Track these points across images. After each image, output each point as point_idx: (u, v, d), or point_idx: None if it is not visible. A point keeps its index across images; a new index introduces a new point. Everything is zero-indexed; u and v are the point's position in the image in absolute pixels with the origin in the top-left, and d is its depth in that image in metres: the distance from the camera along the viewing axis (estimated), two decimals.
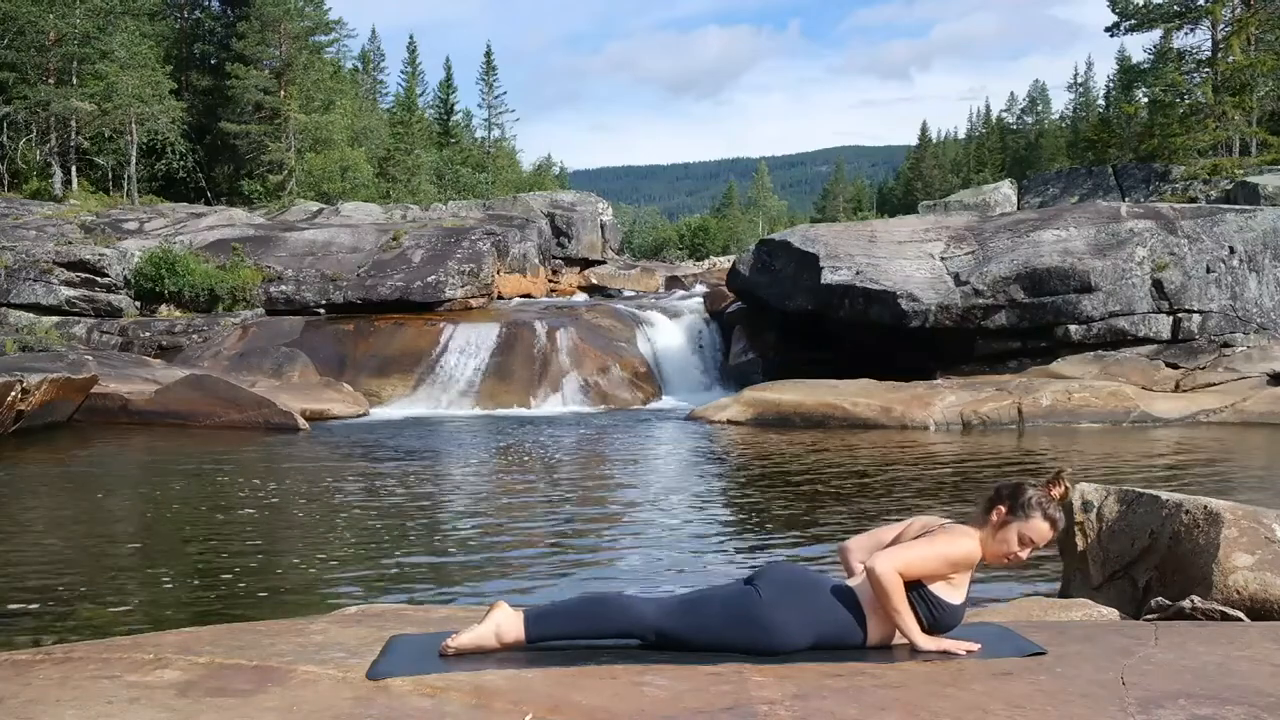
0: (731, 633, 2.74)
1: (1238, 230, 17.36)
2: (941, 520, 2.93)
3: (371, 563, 6.77)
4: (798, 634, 2.74)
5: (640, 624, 2.76)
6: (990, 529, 2.85)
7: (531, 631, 2.76)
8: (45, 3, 31.20)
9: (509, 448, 12.82)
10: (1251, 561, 3.80)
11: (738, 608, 2.77)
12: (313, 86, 38.53)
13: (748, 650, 2.71)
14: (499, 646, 2.74)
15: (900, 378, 15.51)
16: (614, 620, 2.78)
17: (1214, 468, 10.37)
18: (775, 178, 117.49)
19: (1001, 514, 2.84)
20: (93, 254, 21.39)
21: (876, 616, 2.81)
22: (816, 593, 2.82)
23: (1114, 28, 33.53)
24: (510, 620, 2.77)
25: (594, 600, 2.87)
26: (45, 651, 2.73)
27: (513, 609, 2.82)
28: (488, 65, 56.98)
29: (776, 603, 2.75)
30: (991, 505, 2.88)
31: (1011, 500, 2.85)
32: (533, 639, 2.75)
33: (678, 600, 2.87)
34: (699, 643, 2.75)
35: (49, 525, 8.10)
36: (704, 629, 2.76)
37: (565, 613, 2.82)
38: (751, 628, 2.74)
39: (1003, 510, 2.85)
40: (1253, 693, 2.31)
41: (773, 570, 2.88)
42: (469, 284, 21.19)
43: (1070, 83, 67.26)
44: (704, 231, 68.42)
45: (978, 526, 2.87)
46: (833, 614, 2.79)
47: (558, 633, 2.78)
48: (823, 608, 2.79)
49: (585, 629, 2.79)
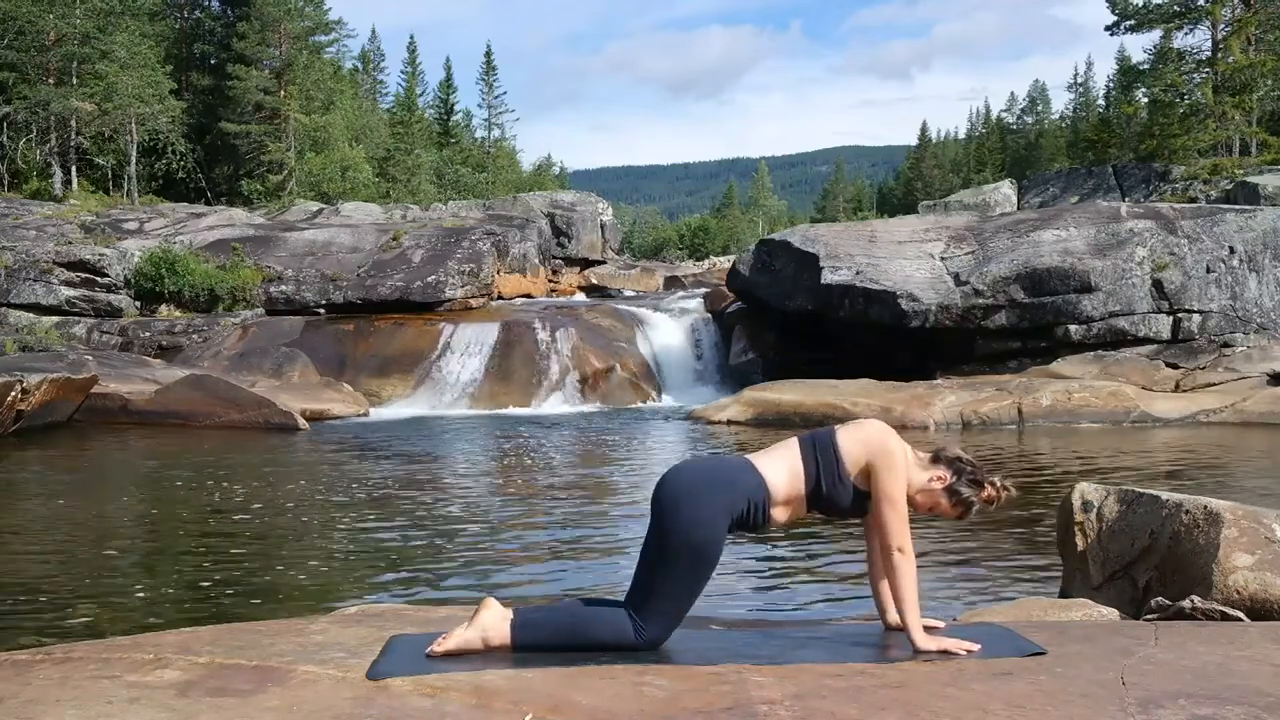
0: (672, 572, 2.79)
1: (1238, 230, 17.36)
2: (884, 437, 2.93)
3: (371, 563, 6.77)
4: (720, 530, 2.81)
5: (627, 638, 2.77)
6: (924, 474, 2.95)
7: (518, 638, 2.75)
8: (45, 3, 31.20)
9: (509, 448, 12.82)
10: (1251, 561, 3.80)
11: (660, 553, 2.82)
12: (313, 86, 38.54)
13: (695, 550, 2.77)
14: (485, 650, 2.74)
15: (900, 378, 15.51)
16: (600, 633, 2.78)
17: (1214, 468, 10.37)
18: (775, 178, 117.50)
19: (941, 479, 2.93)
20: (93, 254, 21.39)
21: (781, 505, 2.88)
22: (716, 489, 2.84)
23: (1114, 28, 33.53)
24: (498, 624, 2.76)
25: (581, 613, 2.85)
26: (45, 651, 2.73)
27: (503, 606, 2.83)
28: (488, 65, 56.99)
29: (693, 522, 2.78)
30: (939, 464, 2.96)
31: (955, 478, 2.94)
32: (519, 647, 2.75)
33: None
34: (674, 606, 2.80)
35: (49, 525, 8.10)
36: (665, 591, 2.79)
37: (552, 624, 2.81)
38: (684, 557, 2.78)
39: (944, 478, 2.94)
40: (1253, 693, 2.31)
41: (668, 488, 2.88)
42: (469, 284, 21.19)
43: (1070, 83, 67.30)
44: (704, 231, 68.47)
45: (919, 465, 2.96)
46: (739, 502, 2.84)
47: (544, 643, 2.77)
48: (726, 504, 2.83)
49: (572, 641, 2.78)
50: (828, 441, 2.91)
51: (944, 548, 6.89)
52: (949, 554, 6.71)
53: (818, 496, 2.89)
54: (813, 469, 2.88)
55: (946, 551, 6.79)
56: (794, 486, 2.89)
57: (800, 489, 2.89)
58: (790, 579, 6.13)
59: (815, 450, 2.91)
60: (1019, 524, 7.66)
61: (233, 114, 36.61)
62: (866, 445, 2.88)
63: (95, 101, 31.26)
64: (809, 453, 2.91)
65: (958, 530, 7.48)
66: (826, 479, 2.87)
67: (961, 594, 5.67)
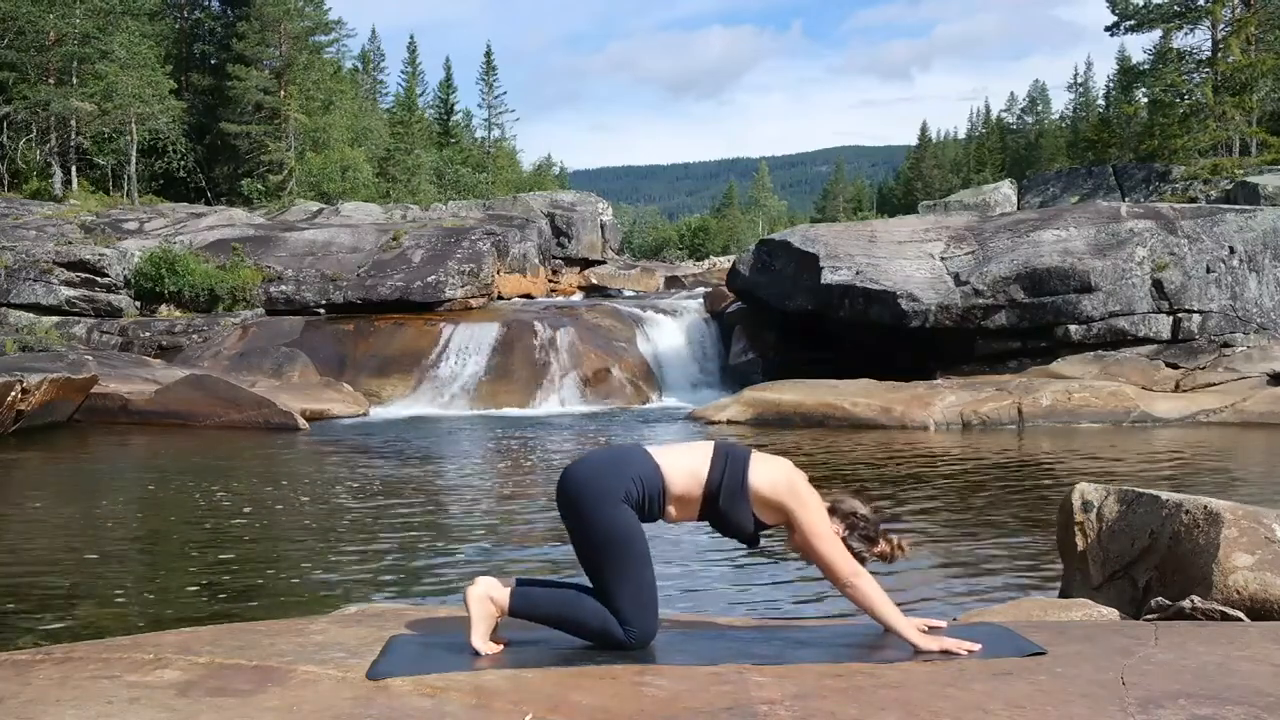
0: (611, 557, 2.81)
1: (1238, 230, 17.35)
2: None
3: (371, 563, 6.77)
4: (618, 508, 2.81)
5: (616, 635, 2.78)
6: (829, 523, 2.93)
7: (515, 604, 2.82)
8: (45, 3, 31.19)
9: (509, 448, 12.83)
10: (1251, 561, 3.80)
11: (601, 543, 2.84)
12: (313, 86, 38.54)
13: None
14: (501, 613, 2.81)
15: (900, 378, 15.50)
16: (590, 621, 2.80)
17: (1214, 468, 10.37)
18: (775, 178, 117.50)
19: (835, 532, 2.90)
20: (93, 254, 21.39)
21: (676, 500, 2.87)
22: (605, 474, 2.85)
23: (1114, 28, 33.52)
24: (499, 590, 2.83)
25: (576, 598, 2.87)
26: (45, 651, 2.73)
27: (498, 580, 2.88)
28: (488, 65, 57.01)
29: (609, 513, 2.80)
30: (834, 517, 2.93)
31: (847, 533, 2.92)
32: (513, 613, 2.82)
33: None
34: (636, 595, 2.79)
35: (49, 525, 8.10)
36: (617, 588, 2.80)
37: (548, 600, 2.86)
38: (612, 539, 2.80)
39: (837, 531, 2.91)
40: (1253, 693, 2.31)
41: (565, 489, 2.90)
42: (469, 284, 21.19)
43: (1070, 83, 67.30)
44: (704, 231, 68.50)
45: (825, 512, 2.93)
46: (630, 485, 2.83)
47: (536, 615, 2.84)
48: (616, 486, 2.82)
49: (563, 621, 2.83)
50: (741, 461, 2.88)
51: (944, 548, 6.89)
52: (949, 554, 6.71)
53: (714, 506, 2.86)
54: (716, 478, 2.85)
55: (946, 551, 6.79)
56: (690, 487, 2.86)
57: (697, 492, 2.86)
58: (790, 579, 6.13)
59: (726, 462, 2.88)
60: (1019, 524, 7.66)
61: (233, 114, 36.60)
62: (774, 487, 2.85)
63: (95, 101, 31.25)
64: (719, 461, 2.88)
65: (958, 530, 7.48)
66: (727, 493, 2.84)
67: (961, 594, 5.67)
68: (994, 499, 8.73)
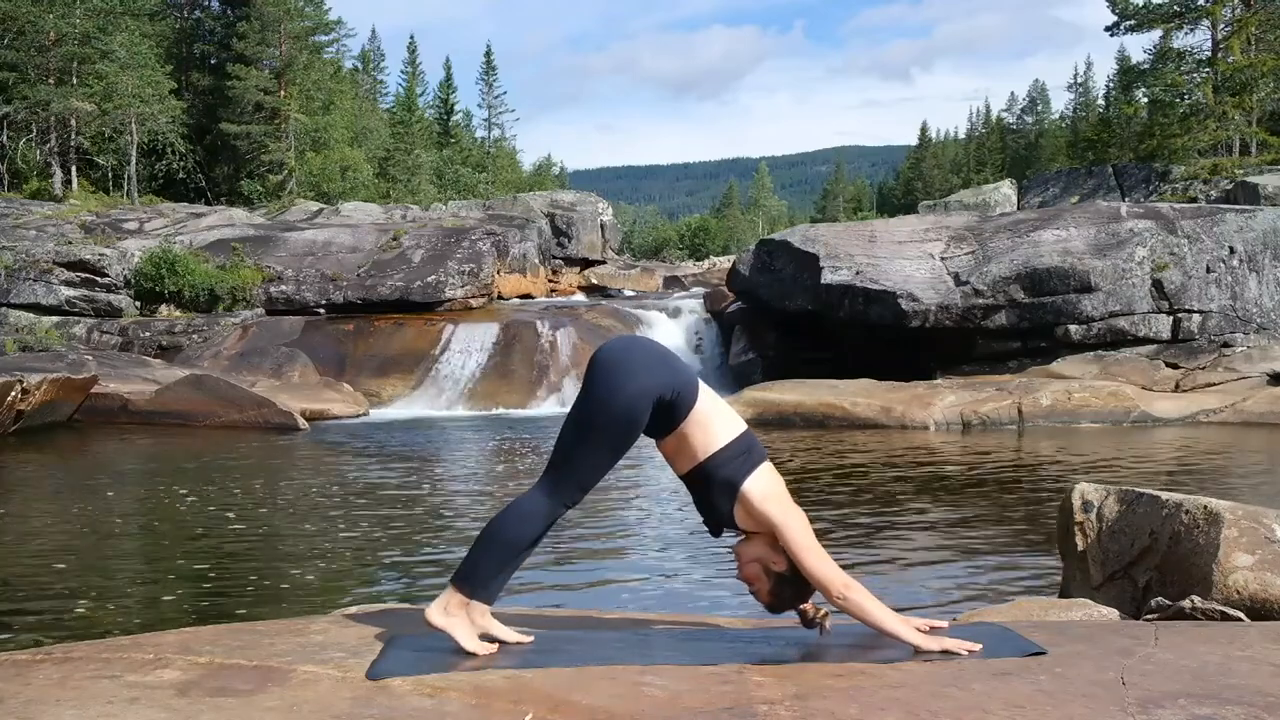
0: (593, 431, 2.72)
1: (1238, 230, 17.35)
2: None
3: (371, 563, 6.77)
4: (644, 403, 2.70)
5: (556, 514, 2.75)
6: (774, 552, 2.80)
7: (464, 586, 2.75)
8: (45, 3, 31.18)
9: (509, 448, 12.83)
10: (1251, 561, 3.80)
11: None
12: (313, 86, 38.56)
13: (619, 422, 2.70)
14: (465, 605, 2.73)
15: (900, 378, 15.51)
16: (533, 530, 2.75)
17: (1214, 468, 10.37)
18: (775, 178, 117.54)
19: (779, 565, 2.79)
20: (93, 254, 21.39)
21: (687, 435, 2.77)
22: (653, 365, 2.75)
23: (1114, 28, 33.52)
24: (444, 596, 2.75)
25: (503, 530, 2.79)
26: (45, 651, 2.73)
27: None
28: (488, 65, 57.07)
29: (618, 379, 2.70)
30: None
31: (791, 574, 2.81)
32: (470, 593, 2.74)
33: (549, 466, 2.78)
34: (592, 477, 2.75)
35: (48, 525, 8.10)
36: (585, 462, 2.74)
37: (486, 558, 2.78)
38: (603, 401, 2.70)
39: (782, 568, 2.80)
40: (1253, 693, 2.31)
41: (606, 353, 2.79)
42: (469, 284, 21.19)
43: (1070, 83, 67.31)
44: (704, 231, 68.57)
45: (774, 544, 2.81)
46: (667, 390, 2.72)
47: (484, 568, 2.76)
48: (658, 382, 2.71)
49: (514, 553, 2.78)
50: (757, 457, 2.81)
51: (944, 547, 6.89)
52: (949, 554, 6.72)
53: (703, 471, 2.78)
54: (725, 455, 2.77)
55: (946, 551, 6.79)
56: (704, 438, 2.77)
57: (702, 448, 2.77)
58: None
59: (744, 446, 2.80)
60: (1019, 524, 7.67)
61: (233, 114, 36.61)
62: (764, 500, 2.77)
63: (95, 101, 31.25)
64: (739, 443, 2.80)
65: (958, 530, 7.48)
66: (723, 473, 2.76)
67: (961, 594, 5.67)
68: (994, 499, 8.73)
